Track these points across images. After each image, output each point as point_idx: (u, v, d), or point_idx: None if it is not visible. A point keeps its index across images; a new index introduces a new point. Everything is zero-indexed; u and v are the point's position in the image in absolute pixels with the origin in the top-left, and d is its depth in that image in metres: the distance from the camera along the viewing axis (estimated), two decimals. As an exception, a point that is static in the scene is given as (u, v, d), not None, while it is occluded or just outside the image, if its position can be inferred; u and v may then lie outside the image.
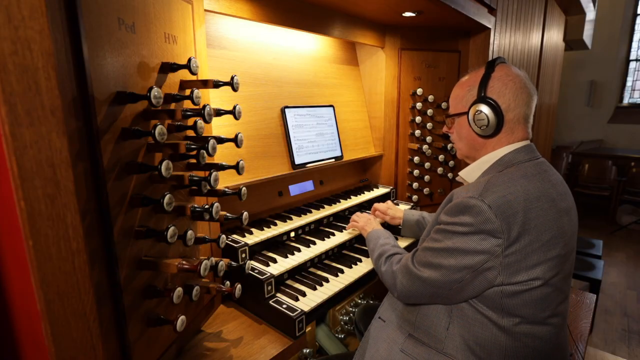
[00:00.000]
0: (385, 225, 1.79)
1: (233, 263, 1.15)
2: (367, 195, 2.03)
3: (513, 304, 0.96)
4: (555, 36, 3.92)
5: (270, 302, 1.24)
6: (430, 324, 1.10)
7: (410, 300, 1.13)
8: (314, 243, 1.56)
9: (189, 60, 0.99)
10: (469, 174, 1.16)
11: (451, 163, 2.32)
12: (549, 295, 0.97)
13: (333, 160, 1.90)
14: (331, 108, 1.95)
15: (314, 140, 1.82)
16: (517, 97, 1.07)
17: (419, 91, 2.18)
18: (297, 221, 1.61)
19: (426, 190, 2.28)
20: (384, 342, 1.19)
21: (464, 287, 0.98)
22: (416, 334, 1.13)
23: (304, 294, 1.31)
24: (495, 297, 0.97)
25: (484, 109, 1.07)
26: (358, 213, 1.71)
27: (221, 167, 1.05)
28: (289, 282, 1.41)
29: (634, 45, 6.96)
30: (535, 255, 0.94)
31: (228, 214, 1.15)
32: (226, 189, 1.09)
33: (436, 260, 1.02)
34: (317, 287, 1.37)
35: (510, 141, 1.09)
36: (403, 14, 1.84)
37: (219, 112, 1.09)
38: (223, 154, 1.41)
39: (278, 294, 1.30)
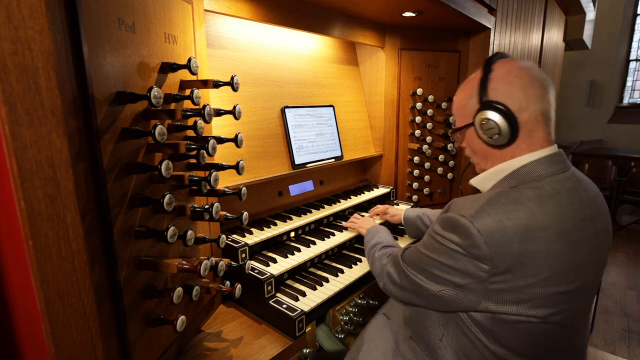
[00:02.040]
0: (387, 224, 1.79)
1: (233, 263, 1.15)
2: (367, 195, 2.02)
3: (504, 335, 0.89)
4: (555, 36, 3.92)
5: (270, 302, 1.24)
6: (425, 331, 1.09)
7: (395, 292, 1.11)
8: (314, 243, 1.56)
9: (189, 60, 0.99)
10: (482, 182, 1.03)
11: (451, 163, 2.31)
12: (547, 332, 0.87)
13: (333, 160, 1.90)
14: (331, 108, 1.95)
15: (314, 140, 1.82)
16: (527, 93, 0.91)
17: (419, 91, 2.18)
18: (297, 221, 1.61)
19: (426, 190, 2.28)
20: (383, 340, 1.20)
21: (443, 297, 0.94)
22: (415, 338, 1.14)
23: (304, 294, 1.31)
24: (485, 322, 0.91)
25: (491, 115, 0.92)
26: (358, 214, 1.73)
27: (221, 167, 1.05)
28: (289, 282, 1.41)
29: (634, 45, 6.96)
30: (529, 290, 0.84)
31: (228, 214, 1.15)
32: (226, 189, 1.09)
33: (421, 265, 0.99)
34: (317, 287, 1.37)
35: (530, 147, 0.93)
36: (403, 14, 1.83)
37: (219, 112, 1.09)
38: (223, 154, 1.41)
39: (278, 294, 1.30)
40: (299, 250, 1.49)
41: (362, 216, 1.77)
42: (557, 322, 0.87)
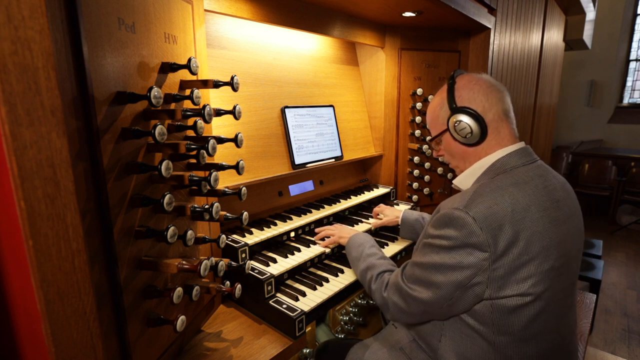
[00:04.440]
0: (385, 227, 1.79)
1: (233, 263, 1.15)
2: (367, 195, 2.03)
3: (504, 320, 0.93)
4: (555, 36, 3.92)
5: (270, 302, 1.24)
6: (426, 332, 1.10)
7: (403, 319, 1.11)
8: (314, 243, 1.56)
9: (189, 60, 0.99)
10: (463, 181, 1.13)
11: (451, 163, 2.31)
12: (542, 311, 0.93)
13: (333, 160, 1.90)
14: (331, 108, 1.95)
15: (314, 140, 1.82)
16: (488, 97, 1.05)
17: (419, 91, 2.18)
18: (297, 221, 1.61)
19: (426, 190, 2.28)
20: (389, 343, 1.23)
21: (454, 304, 0.96)
22: (418, 340, 1.16)
23: (304, 294, 1.31)
24: (485, 311, 0.94)
25: (462, 117, 1.05)
26: (326, 227, 1.63)
27: (221, 167, 1.05)
28: (289, 282, 1.41)
29: (634, 45, 6.96)
30: (525, 269, 0.89)
31: (228, 214, 1.15)
32: (226, 189, 1.09)
33: (425, 277, 0.99)
34: (317, 287, 1.37)
35: (500, 144, 1.06)
36: (403, 14, 1.83)
37: (219, 112, 1.09)
38: (223, 154, 1.41)
39: (278, 294, 1.30)
40: (299, 250, 1.49)
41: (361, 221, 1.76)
42: (549, 299, 0.93)
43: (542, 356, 0.97)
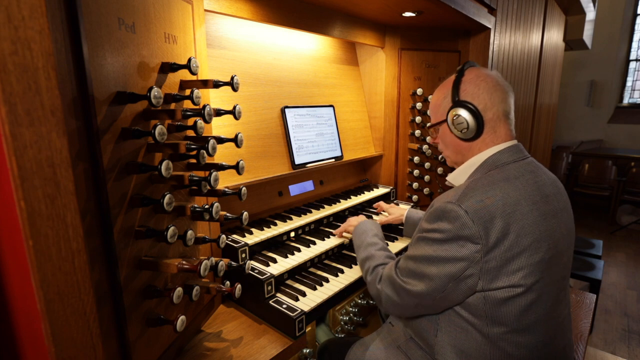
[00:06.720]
0: (387, 226, 1.79)
1: (233, 263, 1.15)
2: (367, 195, 2.03)
3: (497, 312, 0.94)
4: (555, 36, 3.92)
5: (270, 302, 1.24)
6: (422, 329, 1.11)
7: (395, 312, 1.12)
8: (314, 243, 1.56)
9: (189, 60, 0.99)
10: (456, 177, 1.15)
11: (451, 163, 2.31)
12: (534, 302, 0.94)
13: (333, 160, 1.90)
14: (331, 108, 1.95)
15: (314, 140, 1.82)
16: (492, 96, 1.06)
17: (419, 91, 2.18)
18: (297, 221, 1.61)
19: (426, 190, 2.28)
20: (386, 341, 1.23)
21: (447, 296, 0.97)
22: (415, 337, 1.16)
23: (304, 294, 1.31)
24: (478, 304, 0.95)
25: (461, 112, 1.06)
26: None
27: (221, 167, 1.05)
28: (289, 282, 1.41)
29: (634, 45, 6.96)
30: (516, 261, 0.91)
31: (228, 214, 1.15)
32: (226, 189, 1.09)
33: (419, 270, 1.01)
34: (317, 287, 1.37)
35: (495, 142, 1.08)
36: (403, 14, 1.84)
37: (219, 112, 1.09)
38: (223, 154, 1.41)
39: (278, 294, 1.30)
40: (299, 250, 1.49)
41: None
42: (540, 290, 0.95)
43: (535, 347, 0.97)
